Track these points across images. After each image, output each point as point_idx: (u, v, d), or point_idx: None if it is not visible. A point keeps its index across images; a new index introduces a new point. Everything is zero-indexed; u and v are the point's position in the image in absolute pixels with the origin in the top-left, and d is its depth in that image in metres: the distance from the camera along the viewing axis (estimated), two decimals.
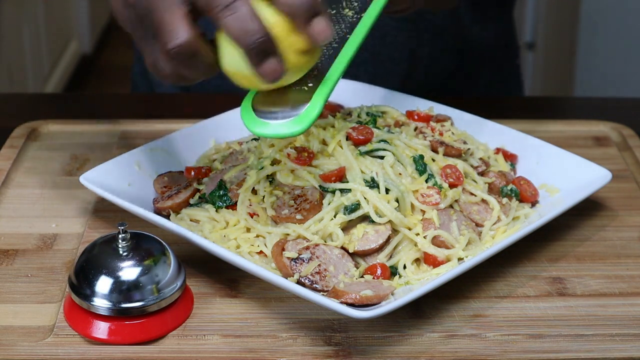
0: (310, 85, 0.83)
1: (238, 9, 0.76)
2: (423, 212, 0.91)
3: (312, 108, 0.81)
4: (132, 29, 0.83)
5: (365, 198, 0.89)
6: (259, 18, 0.77)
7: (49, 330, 0.83)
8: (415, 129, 1.03)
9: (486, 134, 1.09)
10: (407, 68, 1.31)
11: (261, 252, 0.89)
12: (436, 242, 0.90)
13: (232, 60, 0.80)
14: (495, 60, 1.41)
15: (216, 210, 0.94)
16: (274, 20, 0.78)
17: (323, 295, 0.82)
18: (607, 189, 1.03)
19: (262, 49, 0.77)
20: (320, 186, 0.91)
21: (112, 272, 0.81)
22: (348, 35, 0.88)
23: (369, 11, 0.91)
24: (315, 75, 0.84)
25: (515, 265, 0.93)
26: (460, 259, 0.89)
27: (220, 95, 1.34)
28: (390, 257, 0.89)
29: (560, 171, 1.02)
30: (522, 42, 3.27)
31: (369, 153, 0.93)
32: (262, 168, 0.94)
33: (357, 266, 0.88)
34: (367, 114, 1.03)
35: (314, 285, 0.84)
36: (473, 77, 1.39)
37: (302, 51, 0.79)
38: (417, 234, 0.89)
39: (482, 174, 1.00)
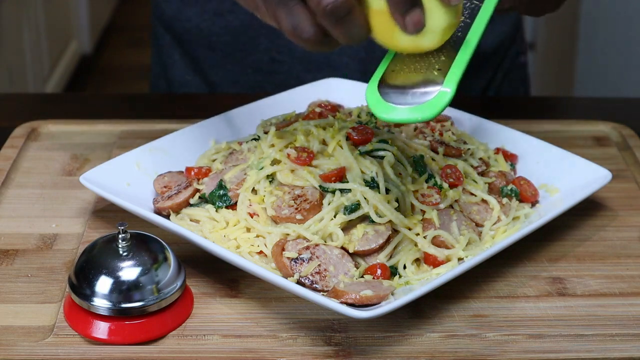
0: (439, 69, 0.80)
1: None
2: (423, 212, 0.91)
3: (444, 94, 0.77)
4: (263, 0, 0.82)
5: (365, 198, 0.89)
6: None
7: (49, 330, 0.83)
8: (415, 129, 1.03)
9: (486, 134, 1.09)
10: None
11: (261, 252, 0.89)
12: (436, 242, 0.90)
13: (378, 11, 0.78)
14: (496, 60, 1.41)
15: (216, 210, 0.94)
16: None
17: (323, 295, 0.82)
18: (607, 189, 1.03)
19: None
20: (320, 186, 0.91)
21: (112, 272, 0.81)
22: (470, 23, 0.86)
23: (487, 1, 0.88)
24: (443, 60, 0.81)
25: (515, 265, 0.93)
26: (460, 259, 0.89)
27: (220, 95, 1.35)
28: (390, 257, 0.89)
29: (560, 171, 1.02)
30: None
31: (369, 153, 0.93)
32: (262, 168, 0.94)
33: (357, 266, 0.88)
34: (367, 113, 1.03)
35: (314, 285, 0.84)
36: (473, 76, 1.39)
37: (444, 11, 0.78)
38: (417, 234, 0.89)
39: (482, 174, 1.00)
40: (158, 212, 0.96)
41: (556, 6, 1.00)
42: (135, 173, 1.00)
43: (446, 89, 0.78)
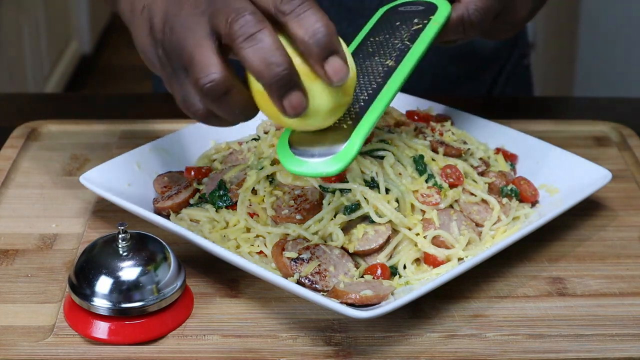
0: (350, 122, 0.80)
1: (261, 40, 0.71)
2: (423, 212, 0.91)
3: (350, 147, 0.77)
4: (161, 67, 0.80)
5: (365, 198, 0.89)
6: (284, 49, 0.72)
7: (49, 330, 0.83)
8: (415, 129, 1.03)
9: (486, 134, 1.09)
10: (412, 78, 1.31)
11: (261, 252, 0.89)
12: (436, 242, 0.90)
13: (260, 92, 0.76)
14: (500, 62, 1.40)
15: (216, 210, 0.94)
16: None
17: (323, 295, 0.82)
18: (607, 189, 1.03)
19: (284, 83, 0.72)
20: (320, 186, 0.91)
21: (112, 272, 0.81)
22: (395, 67, 0.85)
23: (418, 44, 0.88)
24: (356, 112, 0.81)
25: (515, 265, 0.93)
26: (460, 259, 0.89)
27: None
28: (390, 257, 0.89)
29: (560, 171, 1.02)
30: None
31: (369, 153, 0.93)
32: (262, 168, 0.94)
33: (357, 266, 0.88)
34: None
35: (314, 285, 0.84)
36: (476, 78, 1.39)
37: (330, 91, 0.75)
38: (417, 234, 0.89)
39: (482, 174, 1.00)
40: (158, 212, 0.96)
41: (514, 32, 0.99)
42: (135, 173, 1.00)
43: (353, 143, 0.78)
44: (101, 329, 0.81)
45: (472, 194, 0.96)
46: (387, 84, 0.84)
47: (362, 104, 0.81)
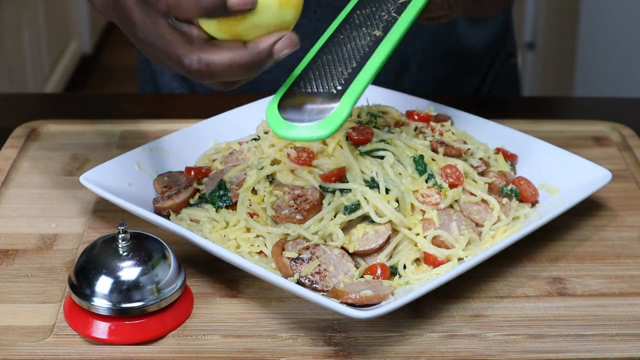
0: (339, 88, 0.81)
1: None
2: (423, 212, 0.91)
3: (340, 111, 0.78)
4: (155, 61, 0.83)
5: (365, 198, 0.89)
6: None
7: (49, 330, 0.83)
8: (415, 129, 1.03)
9: (486, 134, 1.09)
10: (398, 73, 1.31)
11: (261, 252, 0.89)
12: (436, 242, 0.90)
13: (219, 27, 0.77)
14: (487, 61, 1.40)
15: (216, 210, 0.94)
16: None
17: (323, 295, 0.82)
18: (607, 189, 1.03)
19: None
20: (320, 186, 0.91)
21: (112, 272, 0.81)
22: (382, 37, 0.86)
23: (405, 14, 0.89)
24: (345, 78, 0.81)
25: (515, 265, 0.93)
26: (460, 259, 0.89)
27: (220, 95, 1.35)
28: (390, 257, 0.89)
29: (560, 171, 1.02)
30: (522, 42, 3.27)
31: (369, 153, 0.93)
32: (262, 168, 0.94)
33: (357, 266, 0.88)
34: (367, 114, 1.03)
35: (314, 285, 0.84)
36: (464, 78, 1.39)
37: None
38: (417, 234, 0.89)
39: (482, 174, 1.00)
40: (158, 212, 0.96)
41: (498, 10, 0.99)
42: (135, 173, 1.00)
43: (342, 106, 0.79)
44: (101, 329, 0.81)
45: (472, 194, 0.96)
46: (375, 52, 0.84)
47: (351, 70, 0.82)
